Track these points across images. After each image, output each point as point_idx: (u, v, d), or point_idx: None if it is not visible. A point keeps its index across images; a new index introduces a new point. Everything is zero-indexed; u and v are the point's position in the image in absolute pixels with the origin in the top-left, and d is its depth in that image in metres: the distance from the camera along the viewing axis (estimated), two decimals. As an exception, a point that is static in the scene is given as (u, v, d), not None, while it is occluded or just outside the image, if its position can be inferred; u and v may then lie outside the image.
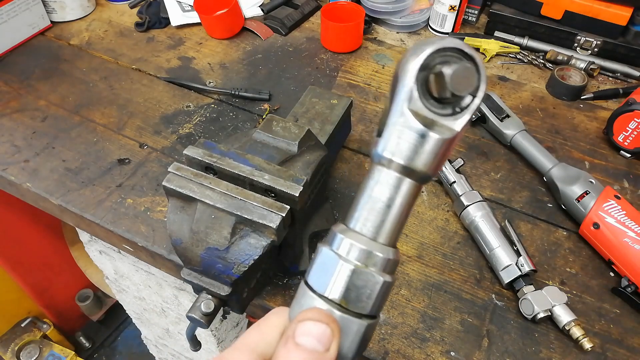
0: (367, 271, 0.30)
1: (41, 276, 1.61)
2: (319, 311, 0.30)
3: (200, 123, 0.89)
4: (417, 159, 0.29)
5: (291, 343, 0.28)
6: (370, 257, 0.30)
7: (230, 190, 0.55)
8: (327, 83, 0.98)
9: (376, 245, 0.31)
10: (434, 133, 0.29)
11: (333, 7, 1.04)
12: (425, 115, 0.29)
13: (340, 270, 0.30)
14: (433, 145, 0.29)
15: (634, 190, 0.79)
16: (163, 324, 1.16)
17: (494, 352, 0.62)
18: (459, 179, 0.75)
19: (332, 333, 0.29)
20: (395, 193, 0.31)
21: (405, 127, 0.29)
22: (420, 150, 0.29)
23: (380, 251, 0.31)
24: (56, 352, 1.60)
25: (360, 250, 0.30)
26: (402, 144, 0.29)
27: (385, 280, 0.30)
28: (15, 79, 0.98)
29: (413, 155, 0.29)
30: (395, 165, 0.30)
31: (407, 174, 0.30)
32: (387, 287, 0.31)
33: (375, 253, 0.30)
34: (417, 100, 0.29)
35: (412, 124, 0.29)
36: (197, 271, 0.57)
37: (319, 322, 0.29)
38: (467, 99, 0.29)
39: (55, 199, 0.77)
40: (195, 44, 1.06)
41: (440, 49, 0.29)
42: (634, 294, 0.65)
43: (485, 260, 0.70)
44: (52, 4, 1.08)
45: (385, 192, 0.31)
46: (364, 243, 0.30)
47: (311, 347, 0.28)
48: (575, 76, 0.95)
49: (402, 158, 0.30)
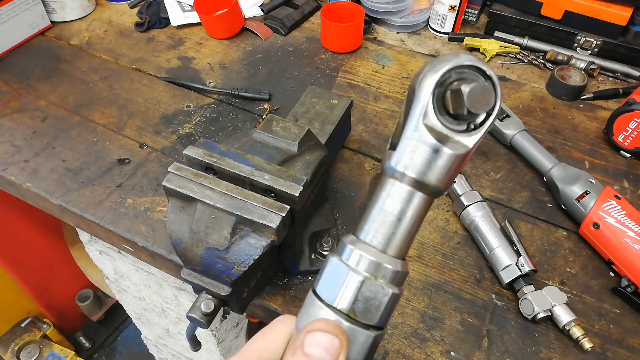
0: (376, 283, 0.30)
1: (41, 276, 1.60)
2: (327, 322, 0.30)
3: (200, 123, 0.89)
4: (430, 173, 0.30)
5: (299, 353, 0.29)
6: (379, 269, 0.31)
7: (230, 190, 0.55)
8: (327, 83, 0.98)
9: (386, 257, 0.31)
10: (448, 149, 0.29)
11: (333, 7, 1.04)
12: (440, 130, 0.29)
13: (350, 280, 0.30)
14: (446, 161, 0.29)
15: (634, 190, 0.79)
16: (163, 324, 1.16)
17: (494, 352, 0.62)
18: (459, 179, 0.75)
19: (340, 344, 0.29)
20: (407, 206, 0.31)
21: (419, 141, 0.29)
22: (434, 165, 0.30)
23: (389, 263, 0.31)
24: (56, 352, 1.60)
25: (370, 262, 0.31)
26: (416, 158, 0.30)
27: (393, 292, 0.31)
28: (15, 79, 0.98)
29: (426, 170, 0.30)
30: (407, 179, 0.30)
31: (419, 187, 0.31)
32: (395, 298, 0.31)
33: (384, 265, 0.31)
34: (432, 116, 0.29)
35: (427, 139, 0.29)
36: (197, 271, 0.57)
37: (327, 334, 0.29)
38: (481, 115, 0.30)
39: (55, 199, 0.77)
40: (195, 44, 1.06)
41: (458, 66, 0.29)
42: (634, 294, 0.65)
43: (485, 260, 0.70)
44: (52, 4, 1.08)
45: (397, 205, 0.31)
46: (374, 255, 0.31)
47: (319, 358, 0.28)
48: (575, 76, 0.95)
49: (415, 172, 0.30)
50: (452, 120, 0.30)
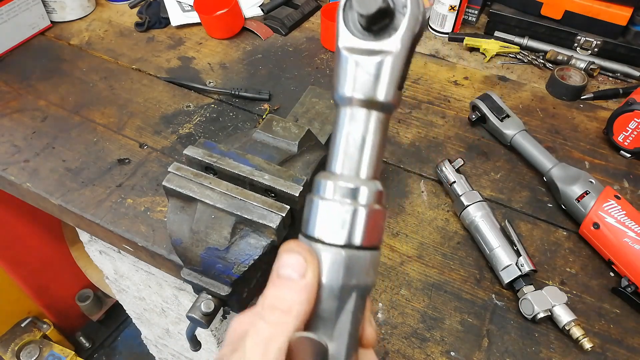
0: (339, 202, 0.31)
1: (41, 276, 1.60)
2: (293, 242, 0.31)
3: (200, 123, 0.89)
4: (371, 88, 0.31)
5: (274, 276, 0.31)
6: (349, 192, 0.31)
7: (230, 190, 0.55)
8: (327, 83, 0.98)
9: (355, 179, 0.32)
10: (376, 58, 0.31)
11: (333, 7, 1.04)
12: (360, 46, 0.31)
13: (318, 207, 0.31)
14: (378, 70, 0.31)
15: (634, 190, 0.79)
16: (163, 324, 1.16)
17: (494, 352, 0.62)
18: (459, 179, 0.75)
19: (304, 260, 0.30)
20: (366, 128, 0.32)
21: (351, 63, 0.31)
22: (371, 80, 0.31)
23: (359, 183, 0.31)
24: (56, 352, 1.60)
25: (341, 188, 0.31)
26: (356, 79, 0.31)
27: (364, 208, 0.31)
28: (15, 79, 0.98)
29: (368, 86, 0.31)
30: (356, 101, 0.31)
31: (368, 105, 0.32)
32: (368, 216, 0.31)
33: (353, 187, 0.31)
34: (346, 35, 0.31)
35: (355, 58, 0.31)
36: (197, 271, 0.57)
37: (291, 252, 0.30)
38: (402, 19, 0.31)
39: (55, 199, 0.77)
40: (195, 44, 1.06)
41: None
42: (634, 294, 0.65)
43: (485, 260, 0.70)
44: (52, 4, 1.08)
45: (356, 129, 0.32)
46: (345, 180, 0.31)
47: (287, 276, 0.30)
48: (575, 76, 0.95)
49: (359, 92, 0.31)
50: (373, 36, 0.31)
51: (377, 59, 0.31)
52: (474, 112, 0.87)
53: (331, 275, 0.30)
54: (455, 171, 0.76)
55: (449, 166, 0.76)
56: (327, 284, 0.30)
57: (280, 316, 0.29)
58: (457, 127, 0.89)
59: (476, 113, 0.87)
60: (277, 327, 0.29)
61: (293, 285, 0.30)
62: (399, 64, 0.31)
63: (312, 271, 0.30)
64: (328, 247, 0.31)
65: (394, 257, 0.71)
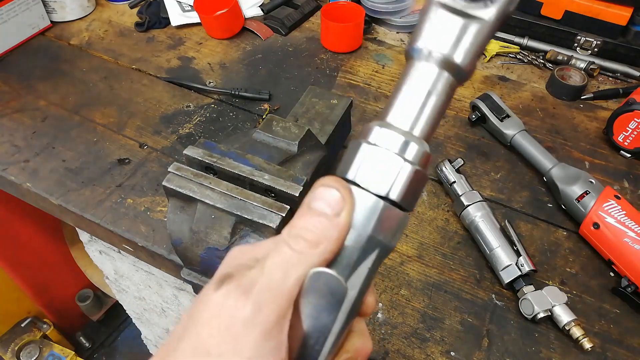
0: (390, 153, 0.30)
1: (41, 276, 1.60)
2: (332, 178, 0.30)
3: (200, 123, 0.89)
4: (453, 50, 0.31)
5: (305, 207, 0.29)
6: (399, 145, 0.30)
7: (230, 190, 0.55)
8: (327, 83, 0.98)
9: (409, 135, 0.31)
10: (469, 23, 0.31)
11: (333, 7, 1.04)
12: (453, 5, 0.31)
13: (365, 151, 0.30)
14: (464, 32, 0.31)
15: (634, 190, 0.79)
16: (163, 324, 1.16)
17: (494, 352, 0.62)
18: (459, 179, 0.75)
19: (342, 198, 0.29)
20: (433, 87, 0.31)
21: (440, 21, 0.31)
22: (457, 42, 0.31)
23: (411, 139, 0.30)
24: (56, 352, 1.60)
25: (391, 138, 0.30)
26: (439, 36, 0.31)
27: (407, 166, 0.30)
28: (15, 79, 0.98)
29: (450, 47, 0.31)
30: (433, 57, 0.31)
31: (443, 65, 0.31)
32: (413, 175, 0.30)
33: (405, 140, 0.30)
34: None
35: (447, 17, 0.31)
36: (197, 271, 0.57)
37: (329, 187, 0.29)
38: None
39: (55, 199, 0.77)
40: (195, 44, 1.06)
41: None
42: (634, 294, 0.65)
43: (485, 260, 0.70)
44: (52, 4, 1.08)
45: (424, 85, 0.31)
46: (397, 132, 0.30)
47: (320, 210, 0.29)
48: (575, 76, 0.95)
49: (439, 50, 0.31)
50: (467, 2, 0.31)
51: (467, 22, 0.31)
52: (474, 112, 0.87)
53: (363, 223, 0.29)
54: (455, 171, 0.76)
55: (449, 166, 0.76)
56: (355, 231, 0.29)
57: (305, 247, 0.28)
58: (457, 127, 0.89)
59: (476, 113, 0.87)
60: (301, 256, 0.28)
61: (324, 221, 0.29)
62: (484, 34, 0.31)
63: (347, 211, 0.29)
64: (366, 193, 0.29)
65: (394, 257, 0.71)
